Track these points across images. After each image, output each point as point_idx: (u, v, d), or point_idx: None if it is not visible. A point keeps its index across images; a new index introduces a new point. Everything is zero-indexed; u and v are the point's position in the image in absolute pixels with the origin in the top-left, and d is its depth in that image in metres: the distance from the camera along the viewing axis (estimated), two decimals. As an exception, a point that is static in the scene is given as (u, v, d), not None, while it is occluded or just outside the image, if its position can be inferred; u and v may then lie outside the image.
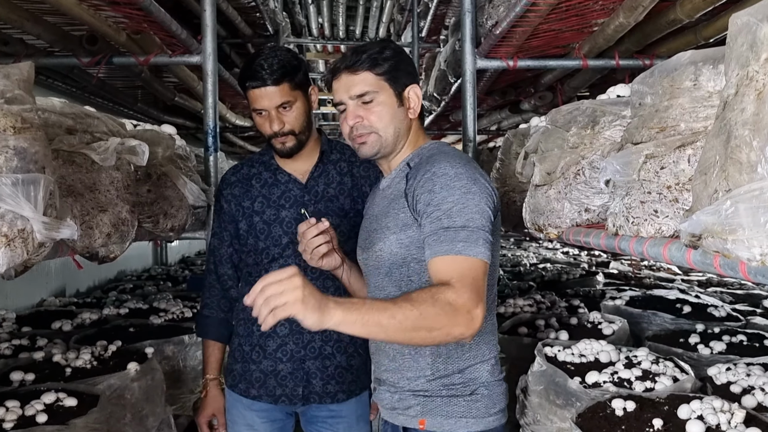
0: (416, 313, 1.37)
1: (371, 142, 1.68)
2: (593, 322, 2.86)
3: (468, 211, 1.51)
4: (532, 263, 5.55)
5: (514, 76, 3.98)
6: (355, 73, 1.66)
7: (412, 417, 1.66)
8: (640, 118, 1.45)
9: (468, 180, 1.55)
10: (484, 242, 1.50)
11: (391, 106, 1.67)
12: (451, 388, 1.64)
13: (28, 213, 1.19)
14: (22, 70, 1.30)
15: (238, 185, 2.16)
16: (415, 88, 1.70)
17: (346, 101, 1.68)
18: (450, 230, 1.50)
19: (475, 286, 1.44)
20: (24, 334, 2.90)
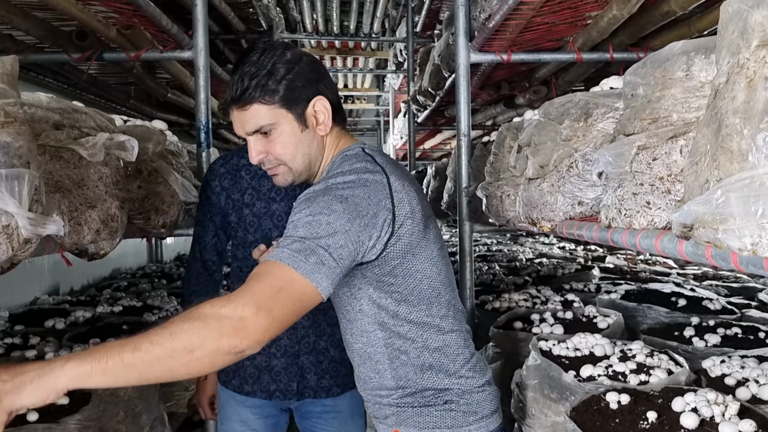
0: (166, 334, 1.17)
1: (282, 174, 1.59)
2: (588, 316, 2.85)
3: (316, 226, 1.35)
4: (528, 258, 5.54)
5: (508, 71, 3.97)
6: (244, 108, 1.52)
7: (389, 426, 1.63)
8: (633, 110, 1.43)
9: (335, 199, 1.38)
10: (319, 264, 1.31)
11: (293, 134, 1.53)
12: (422, 398, 1.58)
13: (12, 209, 1.18)
14: (5, 64, 1.28)
15: (228, 177, 2.13)
16: (320, 101, 1.54)
17: (245, 136, 1.56)
18: (289, 239, 1.35)
19: (262, 293, 1.26)
20: (17, 332, 2.88)
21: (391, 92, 10.53)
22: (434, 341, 1.56)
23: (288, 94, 1.50)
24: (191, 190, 2.33)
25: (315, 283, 1.30)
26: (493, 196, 2.30)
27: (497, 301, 3.20)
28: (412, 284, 1.52)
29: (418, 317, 1.54)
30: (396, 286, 1.50)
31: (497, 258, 5.62)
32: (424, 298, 1.53)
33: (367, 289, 1.51)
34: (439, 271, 1.56)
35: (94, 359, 1.15)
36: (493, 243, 7.64)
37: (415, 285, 1.52)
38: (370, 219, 1.40)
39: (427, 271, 1.53)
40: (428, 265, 1.53)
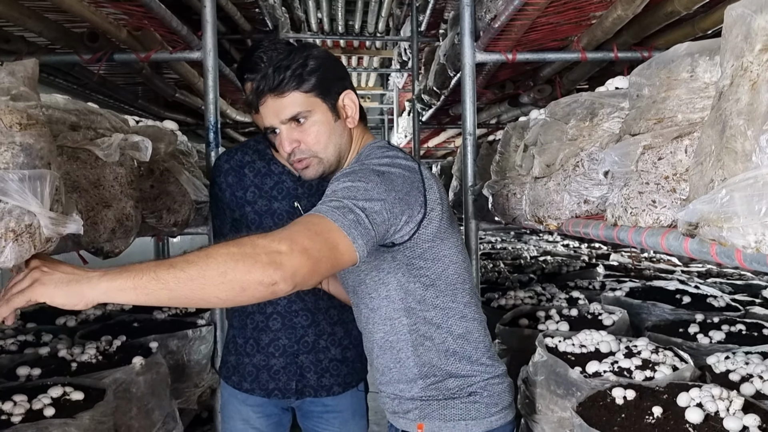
0: (202, 255, 1.18)
1: (313, 166, 1.62)
2: (593, 313, 2.88)
3: (353, 191, 1.39)
4: (532, 256, 5.56)
5: (513, 70, 4.00)
6: (281, 95, 1.56)
7: (412, 421, 1.66)
8: (638, 110, 1.46)
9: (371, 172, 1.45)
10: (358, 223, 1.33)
11: (327, 123, 1.59)
12: (447, 391, 1.63)
13: (35, 208, 1.21)
14: (26, 68, 1.31)
15: (232, 173, 2.16)
16: (350, 95, 1.61)
17: (278, 126, 1.59)
18: (326, 198, 1.40)
19: (300, 234, 1.26)
20: (29, 330, 2.92)
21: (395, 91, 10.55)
22: (458, 327, 1.62)
23: (322, 85, 1.56)
24: (202, 190, 2.36)
25: (351, 238, 1.30)
26: (499, 195, 2.33)
27: (503, 299, 3.23)
28: (440, 269, 1.58)
29: (444, 302, 1.60)
30: (425, 270, 1.57)
31: (502, 256, 5.64)
32: (450, 283, 1.60)
33: (396, 273, 1.57)
34: (464, 258, 1.64)
35: (129, 275, 1.15)
36: (497, 241, 7.66)
37: (443, 269, 1.59)
38: (404, 195, 1.45)
39: (453, 257, 1.59)
40: (455, 251, 1.60)
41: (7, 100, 1.21)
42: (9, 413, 1.78)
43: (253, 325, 2.16)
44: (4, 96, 1.20)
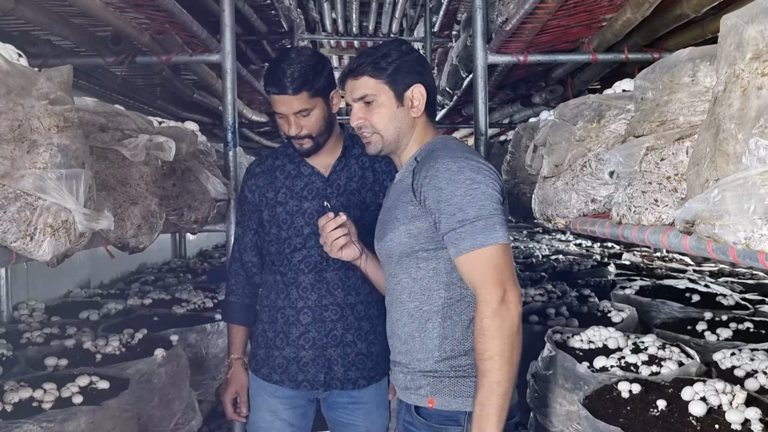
0: (498, 358, 1.58)
1: (374, 142, 1.83)
2: (603, 310, 2.93)
3: (477, 201, 1.63)
4: (544, 255, 5.61)
5: (525, 71, 4.05)
6: (356, 78, 1.80)
7: (423, 396, 1.75)
8: (642, 112, 1.52)
9: (471, 171, 1.66)
10: (500, 225, 1.63)
11: (390, 108, 1.79)
12: (459, 369, 1.73)
13: (71, 205, 1.29)
14: (62, 73, 1.40)
15: (263, 176, 2.25)
16: (419, 88, 1.79)
17: (352, 103, 1.83)
18: (466, 224, 1.62)
19: (497, 275, 1.59)
20: (54, 323, 3.02)
21: (409, 91, 10.55)
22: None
23: (393, 75, 1.77)
24: (221, 188, 2.44)
25: (507, 240, 1.64)
26: (509, 194, 2.40)
27: (514, 296, 3.29)
28: None
29: None
30: None
31: (514, 254, 5.69)
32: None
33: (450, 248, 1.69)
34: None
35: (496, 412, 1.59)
36: (511, 240, 7.69)
37: None
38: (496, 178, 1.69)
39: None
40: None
41: (46, 104, 1.29)
42: (40, 400, 1.87)
43: (284, 319, 2.22)
44: (43, 100, 1.29)
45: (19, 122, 1.23)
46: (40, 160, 1.26)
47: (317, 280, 2.20)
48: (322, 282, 2.20)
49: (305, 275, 2.20)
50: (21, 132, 1.23)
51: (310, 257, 2.20)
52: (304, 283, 2.20)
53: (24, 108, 1.24)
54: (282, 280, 2.23)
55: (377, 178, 2.27)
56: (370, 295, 2.24)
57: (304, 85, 2.06)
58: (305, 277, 2.20)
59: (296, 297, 2.19)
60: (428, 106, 1.83)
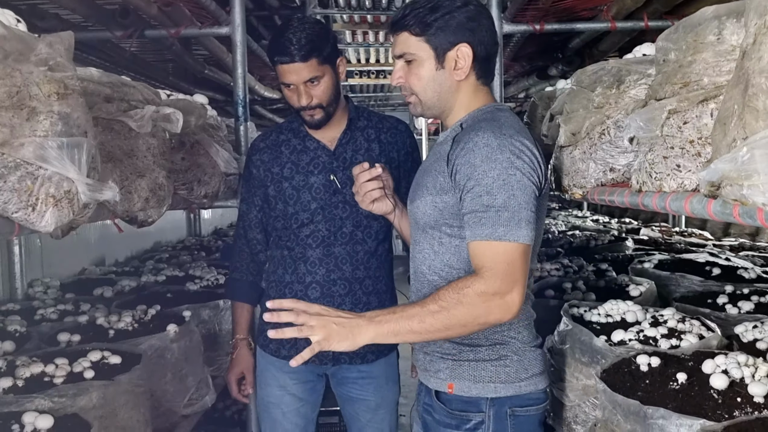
0: (444, 314, 1.47)
1: (414, 104, 1.70)
2: (621, 284, 2.88)
3: (509, 187, 1.49)
4: (560, 230, 5.54)
5: (541, 42, 3.96)
6: (396, 33, 1.66)
7: (442, 380, 1.70)
8: (664, 75, 1.46)
9: (512, 153, 1.51)
10: (526, 223, 1.50)
11: (428, 69, 1.63)
12: (478, 352, 1.66)
13: (72, 175, 1.26)
14: (63, 39, 1.36)
15: (267, 151, 2.21)
16: (464, 48, 1.61)
17: (395, 60, 1.69)
18: (491, 210, 1.49)
19: (509, 272, 1.48)
20: (68, 300, 3.02)
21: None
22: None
23: (436, 33, 1.60)
24: (231, 162, 2.41)
25: (530, 241, 1.51)
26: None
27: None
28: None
29: None
30: None
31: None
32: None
33: None
34: (540, 231, 1.69)
35: (390, 325, 1.48)
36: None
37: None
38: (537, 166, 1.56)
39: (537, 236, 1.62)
40: (539, 230, 1.65)
41: (45, 71, 1.25)
42: (51, 375, 1.86)
43: (291, 294, 2.20)
44: (43, 66, 1.25)
45: (17, 88, 1.19)
46: (40, 127, 1.22)
47: (325, 255, 2.17)
48: (330, 257, 2.17)
49: (313, 250, 2.17)
50: (20, 98, 1.20)
51: (317, 232, 2.17)
52: (312, 257, 2.17)
53: (22, 74, 1.20)
54: (289, 255, 2.20)
55: (383, 149, 2.23)
56: (378, 270, 2.22)
57: (312, 51, 2.01)
58: (313, 251, 2.17)
59: (304, 272, 2.17)
60: (480, 67, 1.65)
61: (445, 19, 1.60)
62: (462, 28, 1.61)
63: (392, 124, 2.29)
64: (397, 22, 1.65)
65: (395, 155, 2.26)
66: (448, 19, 1.60)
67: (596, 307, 2.38)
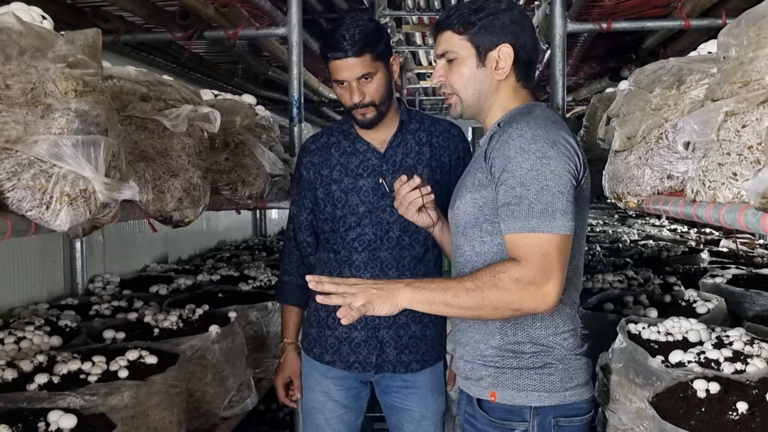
0: (478, 293, 1.46)
1: (454, 103, 1.71)
2: (688, 300, 2.69)
3: (543, 178, 1.48)
4: (632, 240, 5.29)
5: (611, 42, 3.77)
6: (440, 32, 1.68)
7: (484, 388, 1.67)
8: (723, 73, 1.32)
9: (545, 143, 1.50)
10: (562, 213, 1.47)
11: (470, 68, 1.66)
12: (522, 358, 1.62)
13: (88, 173, 1.24)
14: (87, 36, 1.35)
15: (317, 153, 2.19)
16: (506, 48, 1.63)
17: (436, 58, 1.72)
18: (524, 202, 1.48)
19: (545, 263, 1.45)
20: (124, 296, 3.08)
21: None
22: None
23: (479, 32, 1.63)
24: (277, 163, 2.38)
25: (568, 231, 1.48)
26: (582, 171, 2.20)
27: (590, 282, 3.08)
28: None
29: None
30: None
31: (599, 239, 5.40)
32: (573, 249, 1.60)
33: None
34: (582, 233, 1.66)
35: (426, 292, 1.50)
36: (598, 223, 7.35)
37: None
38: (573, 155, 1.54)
39: (579, 229, 1.58)
40: (582, 224, 1.62)
41: (63, 67, 1.24)
42: (87, 372, 1.87)
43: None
44: (61, 63, 1.24)
45: (32, 85, 1.18)
46: (55, 125, 1.21)
47: (371, 259, 2.14)
48: (376, 261, 2.13)
49: (359, 254, 2.14)
50: (34, 95, 1.19)
51: (364, 235, 2.13)
52: (357, 261, 2.14)
53: (38, 71, 1.19)
54: (335, 258, 2.18)
55: (434, 153, 2.17)
56: (425, 276, 2.16)
57: (366, 47, 1.99)
58: (359, 255, 2.14)
59: (349, 276, 2.13)
60: (520, 69, 1.67)
61: (489, 19, 1.63)
62: (505, 30, 1.64)
63: (445, 127, 2.23)
64: (441, 22, 1.68)
65: (446, 159, 2.19)
66: (492, 19, 1.63)
67: (656, 324, 2.22)
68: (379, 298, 1.49)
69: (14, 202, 1.19)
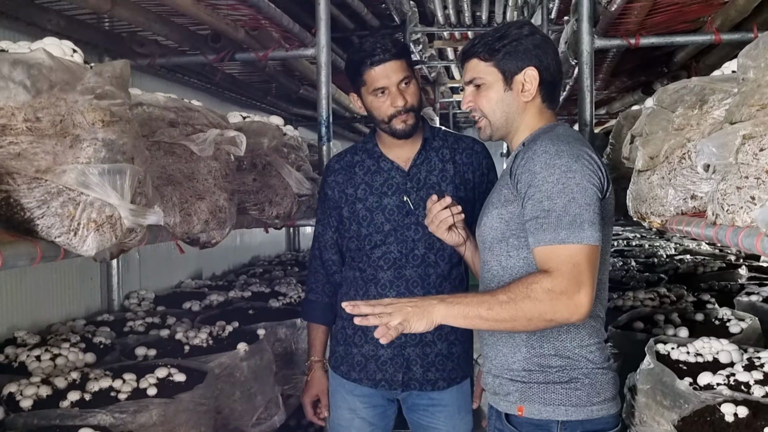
0: (512, 305, 1.49)
1: (483, 126, 1.76)
2: (722, 318, 2.64)
3: (569, 191, 1.51)
4: (669, 254, 5.19)
5: (641, 56, 3.74)
6: (467, 60, 1.75)
7: (512, 403, 1.69)
8: (741, 95, 1.31)
9: (570, 158, 1.54)
10: (590, 224, 1.50)
11: (497, 92, 1.71)
12: (549, 372, 1.64)
13: (114, 200, 1.29)
14: (115, 68, 1.40)
15: (342, 172, 2.21)
16: (531, 71, 1.69)
17: (464, 85, 1.78)
18: (552, 214, 1.51)
19: (575, 272, 1.47)
20: (157, 312, 3.14)
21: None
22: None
23: (504, 58, 1.70)
24: (304, 183, 2.42)
25: (596, 242, 1.51)
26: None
27: (620, 300, 3.04)
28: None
29: None
30: None
31: (635, 253, 5.32)
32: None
33: None
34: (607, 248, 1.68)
35: (461, 307, 1.52)
36: (635, 237, 7.23)
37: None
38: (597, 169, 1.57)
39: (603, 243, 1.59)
40: (606, 238, 1.63)
41: (91, 99, 1.29)
42: (117, 390, 1.92)
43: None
44: (89, 95, 1.29)
45: (61, 117, 1.23)
46: (83, 155, 1.26)
47: (396, 277, 2.14)
48: (401, 279, 2.14)
49: (384, 272, 2.15)
50: (63, 127, 1.24)
51: (389, 254, 2.14)
52: (383, 279, 2.15)
53: (67, 103, 1.25)
54: (361, 276, 2.19)
55: (458, 170, 2.17)
56: (451, 294, 2.15)
57: (402, 51, 2.06)
58: (384, 273, 2.15)
59: (375, 294, 2.14)
60: (545, 90, 1.73)
61: (513, 45, 1.69)
62: (529, 54, 1.69)
63: (468, 144, 2.24)
64: (467, 50, 1.75)
65: (470, 176, 2.20)
66: (516, 45, 1.69)
67: (686, 344, 2.18)
68: (414, 315, 1.52)
69: (44, 229, 1.24)
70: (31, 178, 1.21)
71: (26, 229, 1.23)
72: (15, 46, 1.36)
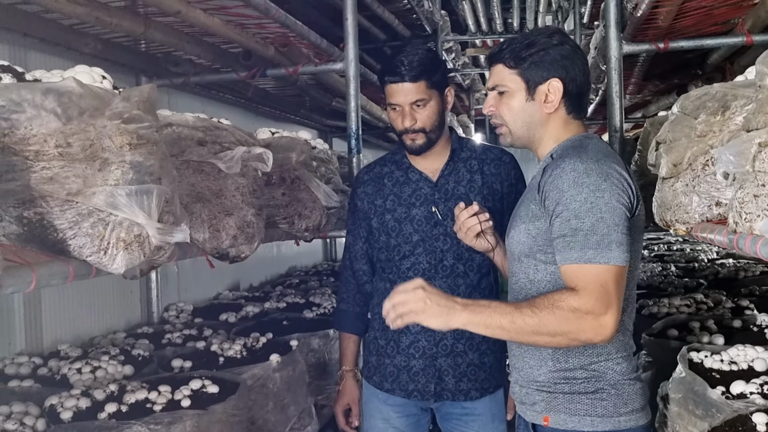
0: (536, 320, 1.47)
1: (504, 133, 1.75)
2: (760, 325, 2.58)
3: (597, 210, 1.50)
4: (710, 259, 5.08)
5: (674, 59, 3.70)
6: (492, 65, 1.74)
7: (538, 413, 1.68)
8: (758, 103, 1.30)
9: (598, 176, 1.52)
10: (617, 245, 1.48)
11: (519, 100, 1.70)
12: (574, 383, 1.63)
13: (141, 220, 1.34)
14: (142, 92, 1.46)
15: (371, 183, 2.24)
16: (555, 82, 1.67)
17: (488, 90, 1.77)
18: (579, 233, 1.50)
19: (603, 293, 1.46)
20: (195, 324, 3.21)
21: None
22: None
23: (529, 67, 1.68)
24: (333, 196, 2.46)
25: (623, 263, 1.49)
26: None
27: (655, 306, 3.00)
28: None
29: None
30: None
31: (675, 258, 5.22)
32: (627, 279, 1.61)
33: None
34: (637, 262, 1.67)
35: (483, 316, 1.51)
36: (677, 240, 7.09)
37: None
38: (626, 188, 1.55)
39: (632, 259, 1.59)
40: (636, 254, 1.62)
41: (119, 123, 1.35)
42: (153, 402, 1.98)
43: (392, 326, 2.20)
44: (117, 120, 1.35)
45: (91, 142, 1.29)
46: (111, 177, 1.32)
47: None
48: None
49: None
50: (93, 151, 1.30)
51: (418, 264, 2.16)
52: None
53: (96, 128, 1.31)
54: (391, 287, 2.19)
55: (486, 181, 2.18)
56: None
57: (423, 74, 2.05)
58: None
59: None
60: (570, 102, 1.70)
61: (539, 54, 1.67)
62: (555, 65, 1.67)
63: (496, 155, 2.25)
64: (494, 55, 1.73)
65: (498, 187, 2.20)
66: (543, 55, 1.67)
67: (720, 352, 2.15)
68: (431, 310, 1.52)
69: (75, 249, 1.30)
70: (63, 200, 1.28)
71: (59, 249, 1.29)
72: (48, 74, 1.43)
